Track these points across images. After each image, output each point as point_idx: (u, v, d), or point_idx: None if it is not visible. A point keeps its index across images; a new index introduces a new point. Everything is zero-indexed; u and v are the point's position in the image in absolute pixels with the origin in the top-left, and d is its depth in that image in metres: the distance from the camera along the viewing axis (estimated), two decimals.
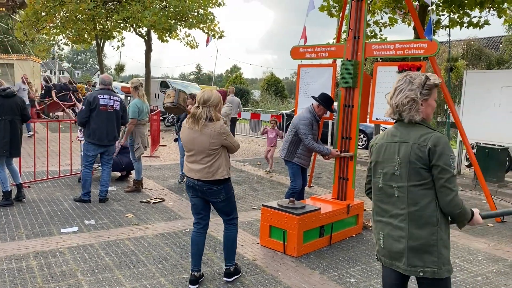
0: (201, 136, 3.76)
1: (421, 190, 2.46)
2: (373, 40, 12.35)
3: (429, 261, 2.48)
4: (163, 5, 17.14)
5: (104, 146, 6.57)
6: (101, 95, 6.49)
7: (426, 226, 2.47)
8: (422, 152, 2.44)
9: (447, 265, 2.49)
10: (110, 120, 6.53)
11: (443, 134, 2.51)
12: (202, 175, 3.81)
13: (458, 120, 5.92)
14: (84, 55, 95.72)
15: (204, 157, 3.79)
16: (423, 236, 2.47)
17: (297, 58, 6.67)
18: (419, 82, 2.53)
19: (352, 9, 5.74)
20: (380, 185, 2.64)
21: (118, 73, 37.89)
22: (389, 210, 2.59)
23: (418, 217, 2.48)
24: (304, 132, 5.70)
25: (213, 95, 3.81)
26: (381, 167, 2.63)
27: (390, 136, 2.62)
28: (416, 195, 2.47)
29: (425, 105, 2.54)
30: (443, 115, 23.68)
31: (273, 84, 39.20)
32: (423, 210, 2.46)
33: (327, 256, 4.90)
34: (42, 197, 6.77)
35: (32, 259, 4.43)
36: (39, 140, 11.32)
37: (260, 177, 9.24)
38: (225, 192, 3.90)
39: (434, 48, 5.22)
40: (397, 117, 2.59)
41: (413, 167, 2.47)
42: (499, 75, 9.69)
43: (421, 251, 2.48)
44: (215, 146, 3.77)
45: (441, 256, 2.48)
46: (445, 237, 2.50)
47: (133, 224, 5.71)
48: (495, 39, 27.42)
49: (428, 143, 2.43)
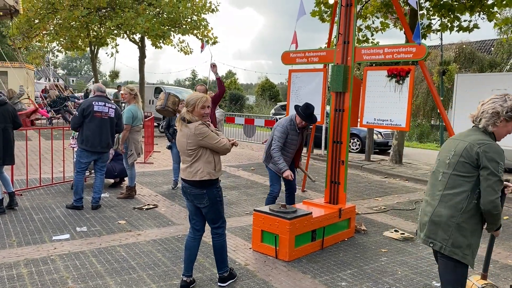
0: (181, 137, 3.89)
1: (460, 180, 2.85)
2: (365, 44, 12.44)
3: (441, 236, 2.90)
4: (156, 11, 17.20)
5: (97, 153, 6.55)
6: (96, 102, 6.49)
7: (450, 209, 2.87)
8: (472, 151, 2.81)
9: (458, 249, 2.84)
10: (104, 127, 6.51)
11: (498, 145, 2.86)
12: (185, 175, 3.91)
13: (448, 123, 5.96)
14: (79, 62, 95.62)
15: (185, 157, 3.90)
16: (443, 214, 2.89)
17: (288, 63, 6.71)
18: (511, 104, 2.87)
19: (341, 14, 5.78)
20: (433, 169, 3.09)
21: (113, 80, 37.91)
22: (431, 190, 3.04)
23: (447, 200, 2.89)
24: (276, 138, 5.66)
25: (193, 98, 3.88)
26: (439, 156, 3.09)
27: (458, 135, 3.05)
28: (455, 183, 2.87)
29: (503, 124, 2.88)
30: (437, 119, 23.82)
31: (268, 89, 39.34)
32: (455, 195, 2.86)
33: (319, 260, 4.91)
34: (34, 204, 6.75)
35: (23, 267, 4.42)
36: (31, 147, 11.29)
37: (254, 182, 9.25)
38: (209, 197, 3.89)
39: (422, 52, 5.26)
40: (476, 122, 2.96)
41: (461, 161, 2.85)
42: (490, 78, 9.80)
43: (438, 226, 2.91)
44: (192, 146, 3.81)
45: (453, 238, 2.85)
46: (465, 226, 2.84)
47: (125, 230, 5.70)
48: (487, 43, 27.67)
49: (481, 148, 2.79)
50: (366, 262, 4.91)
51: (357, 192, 8.78)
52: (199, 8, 17.89)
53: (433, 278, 4.50)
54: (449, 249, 2.87)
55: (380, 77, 5.76)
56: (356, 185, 9.53)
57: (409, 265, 4.84)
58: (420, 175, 10.48)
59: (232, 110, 32.58)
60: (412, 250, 5.34)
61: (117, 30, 18.22)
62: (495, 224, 2.90)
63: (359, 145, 14.89)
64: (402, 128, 5.74)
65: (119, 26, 17.00)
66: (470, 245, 2.87)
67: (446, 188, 2.91)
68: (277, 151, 5.62)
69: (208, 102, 3.92)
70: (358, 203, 7.65)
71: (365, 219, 6.65)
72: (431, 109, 23.43)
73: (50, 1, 17.10)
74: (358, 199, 8.12)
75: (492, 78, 9.77)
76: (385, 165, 11.85)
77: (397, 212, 7.24)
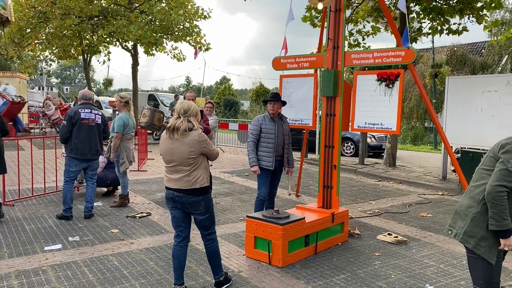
0: (181, 145, 3.79)
1: (484, 173, 2.96)
2: (356, 48, 12.51)
3: (458, 224, 3.03)
4: (148, 19, 17.22)
5: (87, 160, 6.51)
6: (82, 109, 6.46)
7: (470, 199, 3.00)
8: (498, 145, 2.92)
9: (471, 239, 2.92)
10: (93, 134, 6.48)
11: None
12: (182, 184, 3.82)
13: (439, 125, 5.99)
14: (72, 71, 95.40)
15: (183, 166, 3.81)
16: (463, 204, 3.04)
17: (278, 68, 6.73)
18: None
19: (331, 19, 5.82)
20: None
21: (107, 88, 37.85)
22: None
23: (470, 191, 3.03)
24: (249, 132, 5.93)
25: (192, 106, 3.88)
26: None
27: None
28: (480, 176, 2.99)
29: None
30: (430, 121, 23.93)
31: (262, 95, 39.36)
32: (476, 187, 2.98)
33: (313, 265, 4.90)
34: (26, 215, 6.70)
35: (13, 278, 4.37)
36: (24, 157, 11.24)
37: (248, 188, 9.24)
38: (205, 203, 3.91)
39: (411, 56, 5.30)
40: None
41: (489, 155, 2.97)
42: (480, 80, 9.85)
43: (458, 215, 3.06)
44: (194, 154, 3.79)
45: (469, 226, 2.94)
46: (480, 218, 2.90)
47: (118, 239, 5.67)
48: (478, 45, 27.88)
49: (506, 141, 2.88)
50: (360, 266, 4.91)
51: (351, 195, 8.79)
52: (191, 15, 17.95)
53: (427, 281, 4.50)
54: (462, 237, 2.97)
55: (370, 81, 5.79)
56: (350, 188, 9.54)
57: (403, 269, 4.84)
58: (414, 178, 10.51)
59: (227, 116, 32.57)
60: (405, 254, 5.35)
61: (110, 38, 18.24)
62: (495, 219, 2.81)
63: (353, 149, 14.93)
64: (393, 132, 5.76)
65: (111, 34, 17.02)
66: (485, 238, 2.88)
67: (472, 181, 3.05)
68: (249, 145, 5.85)
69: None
70: (352, 207, 7.66)
71: (358, 223, 6.65)
72: (424, 111, 23.53)
73: (41, 10, 17.10)
74: (352, 202, 8.13)
75: (483, 80, 9.81)
76: (379, 168, 11.87)
77: (390, 215, 7.25)
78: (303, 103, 6.72)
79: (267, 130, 5.84)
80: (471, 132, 9.14)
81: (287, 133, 6.03)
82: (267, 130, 5.84)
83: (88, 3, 16.73)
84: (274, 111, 5.86)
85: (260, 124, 5.84)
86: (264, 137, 5.85)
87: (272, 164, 5.86)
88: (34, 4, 16.95)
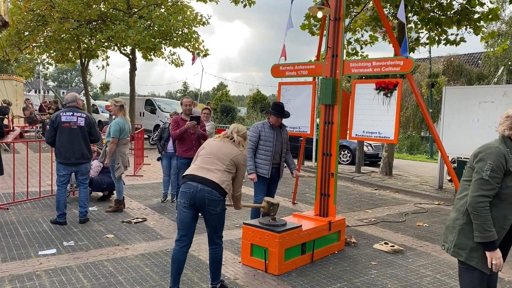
0: (231, 147, 4.08)
1: (465, 184, 3.00)
2: (354, 57, 12.57)
3: (449, 238, 3.06)
4: (147, 24, 17.24)
5: (73, 164, 6.39)
6: (63, 112, 6.37)
7: (456, 211, 3.04)
8: (472, 155, 2.96)
9: (463, 251, 2.93)
10: (75, 137, 6.33)
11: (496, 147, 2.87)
12: (212, 176, 3.90)
13: (436, 135, 6.00)
14: (69, 74, 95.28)
15: (221, 162, 3.98)
16: (451, 217, 3.08)
17: (277, 76, 6.74)
18: None
19: (330, 28, 5.84)
20: None
21: (104, 92, 37.74)
22: None
23: (455, 204, 3.07)
24: (248, 137, 5.79)
25: (244, 128, 4.28)
26: None
27: None
28: (462, 188, 3.03)
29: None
30: (427, 130, 24.02)
31: (259, 101, 39.38)
32: (460, 199, 3.02)
33: (309, 274, 4.88)
34: (20, 218, 6.64)
35: (7, 283, 4.32)
36: (19, 160, 11.17)
37: (245, 194, 9.21)
38: (222, 205, 3.97)
39: (410, 65, 5.32)
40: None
41: (467, 166, 3.00)
42: (477, 90, 9.90)
43: (447, 229, 3.10)
44: (232, 163, 4.02)
45: (458, 239, 2.96)
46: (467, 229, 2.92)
47: (113, 244, 5.62)
48: (475, 55, 28.10)
49: (478, 149, 2.92)
50: (356, 275, 4.89)
51: (348, 204, 8.78)
52: (190, 21, 17.98)
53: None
54: (453, 250, 2.99)
55: (368, 90, 5.80)
56: (346, 197, 9.53)
57: (399, 278, 4.83)
58: (410, 187, 10.52)
59: (224, 122, 32.57)
60: (402, 263, 5.33)
61: (108, 42, 18.23)
62: (479, 231, 2.82)
63: (350, 157, 14.94)
64: (391, 141, 5.77)
65: (109, 38, 17.00)
66: (476, 249, 2.88)
67: (457, 194, 3.10)
68: (247, 152, 5.75)
69: None
70: (348, 215, 7.65)
71: (355, 232, 6.64)
72: (421, 121, 23.64)
73: (40, 14, 17.08)
74: (348, 211, 8.11)
75: (480, 90, 9.86)
76: (375, 177, 11.88)
77: (387, 224, 7.24)
78: (301, 110, 6.72)
79: (266, 137, 5.84)
80: (468, 142, 9.15)
81: (285, 141, 6.04)
82: (266, 138, 5.84)
83: (87, 7, 16.74)
84: (278, 124, 5.93)
85: (259, 131, 5.84)
86: (263, 144, 5.84)
87: (268, 172, 5.85)
88: (33, 7, 16.94)
